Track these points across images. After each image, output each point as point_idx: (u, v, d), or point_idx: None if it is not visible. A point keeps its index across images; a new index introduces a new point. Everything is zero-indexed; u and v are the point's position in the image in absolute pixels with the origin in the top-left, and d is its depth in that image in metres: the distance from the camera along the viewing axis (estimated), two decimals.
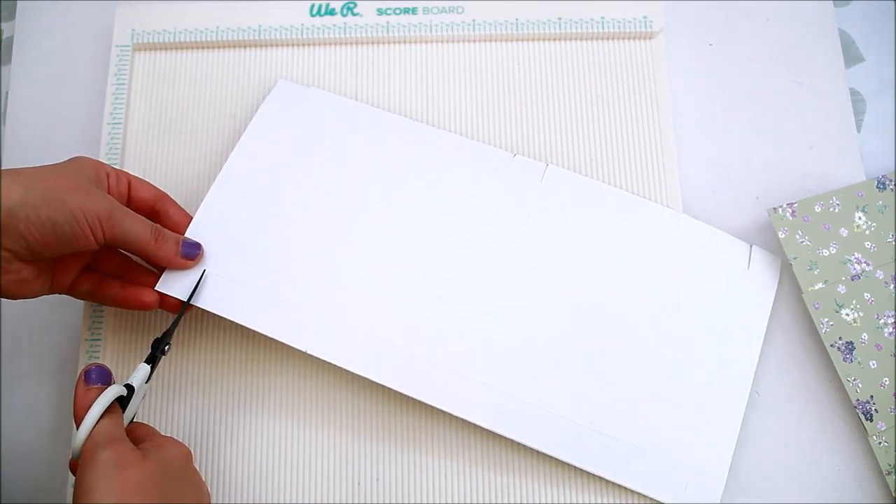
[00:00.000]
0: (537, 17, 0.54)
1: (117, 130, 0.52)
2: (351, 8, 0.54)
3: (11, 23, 0.57)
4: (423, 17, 0.54)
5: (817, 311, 0.47)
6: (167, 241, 0.43)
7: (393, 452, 0.46)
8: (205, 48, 0.55)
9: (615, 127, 0.52)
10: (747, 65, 0.55)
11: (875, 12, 0.57)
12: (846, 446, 0.47)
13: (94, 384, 0.39)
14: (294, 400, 0.47)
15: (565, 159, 0.52)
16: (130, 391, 0.40)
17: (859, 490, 0.46)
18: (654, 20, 0.54)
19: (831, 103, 0.54)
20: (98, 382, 0.39)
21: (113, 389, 0.38)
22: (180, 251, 0.44)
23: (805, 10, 0.56)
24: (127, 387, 0.40)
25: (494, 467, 0.46)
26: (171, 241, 0.43)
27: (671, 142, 0.52)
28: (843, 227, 0.49)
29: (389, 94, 0.53)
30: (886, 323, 0.47)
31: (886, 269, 0.48)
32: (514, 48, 0.54)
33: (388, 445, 0.46)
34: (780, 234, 0.49)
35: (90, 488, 0.34)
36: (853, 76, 0.55)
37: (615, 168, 0.51)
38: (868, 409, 0.46)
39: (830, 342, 0.47)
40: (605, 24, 0.54)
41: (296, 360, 0.48)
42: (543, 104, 0.53)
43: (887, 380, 0.46)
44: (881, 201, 0.50)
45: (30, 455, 0.47)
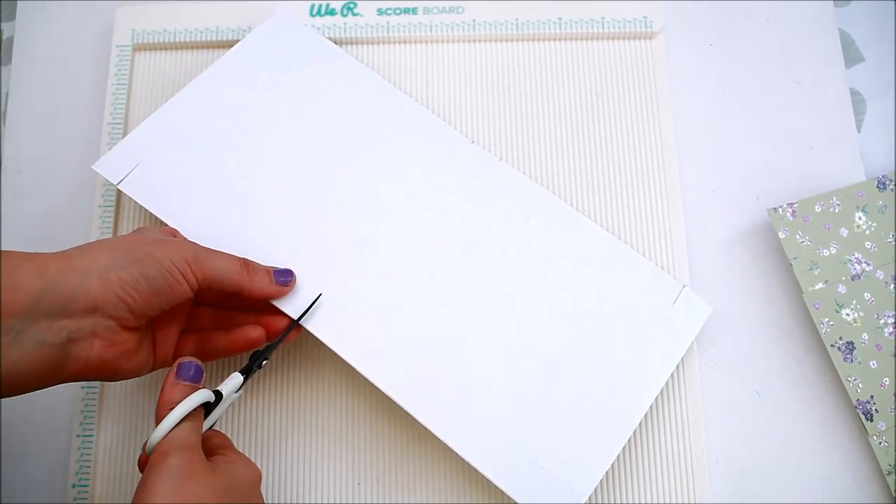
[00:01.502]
0: (537, 17, 0.54)
1: (117, 130, 0.52)
2: (351, 8, 0.54)
3: (11, 23, 0.57)
4: (423, 17, 0.54)
5: (817, 311, 0.47)
6: (258, 271, 0.43)
7: (393, 452, 0.46)
8: (205, 48, 0.55)
9: (615, 127, 0.52)
10: (747, 65, 0.55)
11: (875, 12, 0.57)
12: (846, 446, 0.47)
13: (184, 380, 0.38)
14: (294, 400, 0.47)
15: (565, 159, 0.52)
16: (218, 398, 0.39)
17: (859, 490, 0.46)
18: (654, 20, 0.54)
19: (831, 103, 0.54)
20: (189, 380, 0.38)
21: (200, 394, 0.37)
22: (274, 280, 0.43)
23: (805, 10, 0.56)
24: (215, 393, 0.39)
25: None
26: (262, 272, 0.43)
27: (671, 142, 0.52)
28: (843, 227, 0.49)
29: None
30: (886, 323, 0.47)
31: (886, 269, 0.48)
32: (514, 48, 0.54)
33: (388, 445, 0.46)
34: (781, 234, 0.49)
35: (152, 491, 0.34)
36: (853, 76, 0.55)
37: (615, 168, 0.51)
38: (868, 409, 0.46)
39: (831, 342, 0.47)
40: (605, 24, 0.54)
41: (296, 360, 0.48)
42: (544, 104, 0.53)
43: (887, 380, 0.46)
44: (881, 201, 0.50)
45: (30, 455, 0.47)
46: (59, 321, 0.36)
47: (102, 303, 0.37)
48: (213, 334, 0.43)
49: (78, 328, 0.37)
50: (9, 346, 0.35)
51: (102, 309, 0.37)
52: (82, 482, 0.46)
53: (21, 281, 0.35)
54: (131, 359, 0.39)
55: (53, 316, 0.36)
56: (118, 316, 0.38)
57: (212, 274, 0.40)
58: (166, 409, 0.36)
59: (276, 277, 0.43)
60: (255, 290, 0.42)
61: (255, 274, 0.42)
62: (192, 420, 0.37)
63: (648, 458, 0.46)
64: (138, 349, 0.40)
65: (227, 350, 0.43)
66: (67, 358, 0.37)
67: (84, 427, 0.47)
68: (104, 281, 0.37)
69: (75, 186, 0.52)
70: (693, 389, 0.47)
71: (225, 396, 0.39)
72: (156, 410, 0.37)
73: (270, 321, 0.43)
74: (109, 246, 0.39)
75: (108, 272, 0.37)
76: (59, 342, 0.36)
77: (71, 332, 0.36)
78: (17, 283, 0.35)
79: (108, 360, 0.38)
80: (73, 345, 0.37)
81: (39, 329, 0.35)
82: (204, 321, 0.44)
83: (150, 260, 0.38)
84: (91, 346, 0.37)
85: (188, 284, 0.39)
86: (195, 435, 0.37)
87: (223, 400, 0.39)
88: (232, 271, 0.41)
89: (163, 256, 0.39)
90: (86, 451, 0.46)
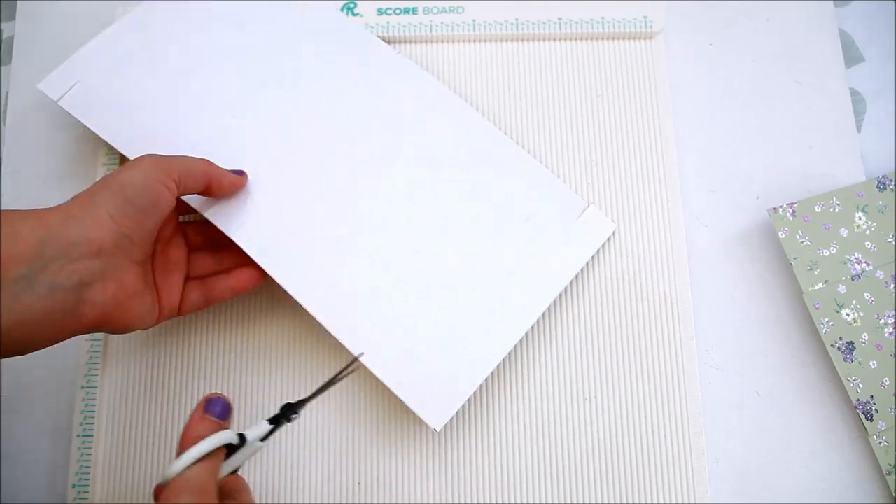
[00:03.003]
0: (537, 18, 0.54)
1: None
2: (351, 8, 0.54)
3: (11, 23, 0.57)
4: (423, 17, 0.54)
5: (817, 312, 0.47)
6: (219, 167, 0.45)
7: (393, 452, 0.46)
8: None
9: (615, 127, 0.52)
10: (747, 65, 0.55)
11: (875, 12, 0.57)
12: (846, 446, 0.47)
13: (212, 416, 0.38)
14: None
15: (565, 159, 0.52)
16: (242, 441, 0.38)
17: (859, 490, 0.46)
18: (654, 20, 0.54)
19: (831, 103, 0.54)
20: (216, 416, 0.38)
21: (223, 435, 0.37)
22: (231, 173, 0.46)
23: (805, 10, 0.56)
24: (239, 436, 0.38)
25: (495, 467, 0.46)
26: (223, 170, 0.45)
27: (671, 142, 0.52)
28: (843, 227, 0.49)
29: None
30: (887, 323, 0.47)
31: (886, 269, 0.48)
32: (514, 48, 0.54)
33: (388, 445, 0.46)
34: (781, 234, 0.49)
35: None
36: (853, 76, 0.55)
37: (615, 168, 0.51)
38: (868, 408, 0.46)
39: (831, 342, 0.47)
40: (605, 24, 0.54)
41: (296, 361, 0.48)
42: (543, 104, 0.53)
43: (887, 380, 0.46)
44: (881, 201, 0.50)
45: (30, 455, 0.47)
46: (69, 265, 0.37)
47: (105, 241, 0.38)
48: (215, 278, 0.45)
49: (89, 271, 0.37)
50: (21, 294, 0.35)
51: (106, 247, 0.38)
52: (82, 482, 0.46)
53: (23, 231, 0.36)
54: (140, 301, 0.40)
55: (61, 260, 0.36)
56: (123, 249, 0.39)
57: (181, 170, 0.42)
58: (189, 443, 0.36)
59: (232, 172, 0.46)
60: (223, 180, 0.44)
61: (217, 167, 0.44)
62: (211, 460, 0.36)
63: (648, 458, 0.46)
64: (144, 292, 0.41)
65: (232, 291, 0.45)
66: (82, 304, 0.37)
67: (84, 427, 0.47)
68: (99, 221, 0.38)
69: (75, 186, 0.52)
70: (693, 389, 0.47)
71: (249, 442, 0.38)
72: (179, 441, 0.37)
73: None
74: (90, 193, 0.39)
75: (99, 211, 0.38)
76: (71, 286, 0.37)
77: (82, 276, 0.37)
78: (20, 233, 0.36)
79: (121, 301, 0.39)
80: (86, 289, 0.37)
81: (50, 273, 0.36)
82: (204, 267, 0.46)
83: (127, 186, 0.39)
84: (104, 289, 0.38)
85: (167, 189, 0.41)
86: (211, 476, 0.36)
87: (247, 446, 0.38)
88: (197, 164, 0.43)
89: (134, 176, 0.40)
90: (86, 451, 0.46)
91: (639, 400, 0.47)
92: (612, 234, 0.50)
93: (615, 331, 0.48)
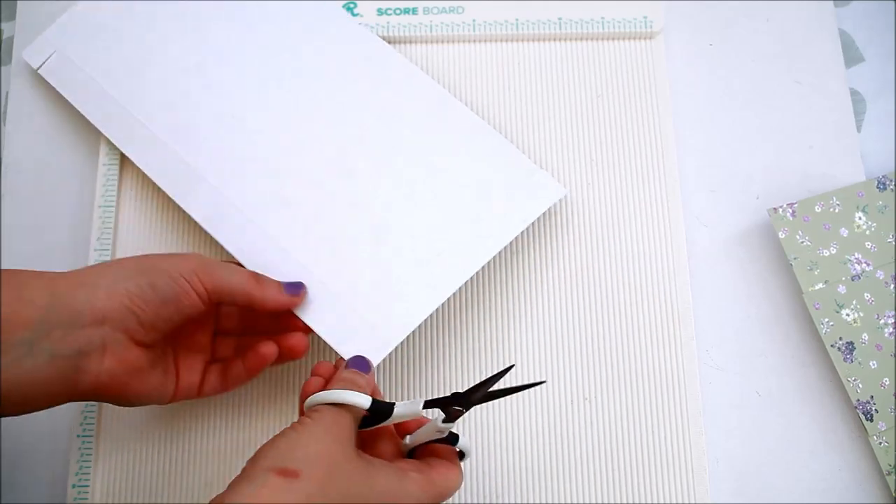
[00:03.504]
0: (537, 18, 0.54)
1: None
2: (351, 8, 0.54)
3: (11, 23, 0.56)
4: (423, 18, 0.54)
5: (817, 312, 0.47)
6: (268, 282, 0.42)
7: None
8: None
9: (615, 127, 0.52)
10: (747, 65, 0.55)
11: (875, 12, 0.57)
12: (846, 446, 0.47)
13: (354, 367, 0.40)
14: (294, 400, 0.47)
15: (565, 159, 0.52)
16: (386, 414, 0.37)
17: (859, 490, 0.46)
18: (654, 20, 0.54)
19: (831, 103, 0.54)
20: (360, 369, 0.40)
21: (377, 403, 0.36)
22: (284, 290, 0.43)
23: (805, 10, 0.56)
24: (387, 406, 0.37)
25: (495, 467, 0.46)
26: (272, 283, 0.42)
27: (671, 142, 0.52)
28: (843, 227, 0.49)
29: None
30: (887, 323, 0.47)
31: (886, 269, 0.48)
32: (514, 48, 0.54)
33: None
34: (781, 234, 0.49)
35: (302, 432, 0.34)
36: (853, 76, 0.55)
37: (615, 168, 0.51)
38: (868, 409, 0.46)
39: (831, 342, 0.47)
40: (605, 24, 0.54)
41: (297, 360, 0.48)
42: (544, 104, 0.53)
43: (887, 380, 0.46)
44: (881, 201, 0.50)
45: (30, 455, 0.47)
46: (71, 333, 0.36)
47: (111, 313, 0.37)
48: (234, 362, 0.43)
49: (88, 340, 0.37)
50: (21, 359, 0.35)
51: (111, 320, 0.37)
52: (82, 482, 0.46)
53: (30, 295, 0.36)
54: (143, 380, 0.39)
55: (64, 328, 0.36)
56: (127, 328, 0.38)
57: (220, 283, 0.40)
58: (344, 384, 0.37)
59: (286, 288, 0.43)
60: (267, 300, 0.42)
61: (265, 285, 0.42)
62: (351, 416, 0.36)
63: (648, 458, 0.46)
64: (151, 370, 0.39)
65: (247, 374, 0.43)
66: (79, 372, 0.37)
67: (84, 427, 0.47)
68: (111, 293, 0.37)
69: (75, 186, 0.52)
70: (693, 389, 0.47)
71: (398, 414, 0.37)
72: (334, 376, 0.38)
73: (283, 337, 0.43)
74: (115, 262, 0.39)
75: (116, 284, 0.37)
76: (70, 354, 0.36)
77: (82, 345, 0.36)
78: (27, 297, 0.36)
79: (118, 376, 0.38)
80: (84, 358, 0.37)
81: (51, 341, 0.36)
82: (227, 351, 0.44)
83: (156, 270, 0.38)
84: (101, 360, 0.37)
85: (197, 294, 0.39)
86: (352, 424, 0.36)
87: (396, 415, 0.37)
88: (241, 281, 0.41)
89: (169, 266, 0.39)
90: (86, 451, 0.46)
91: (639, 400, 0.47)
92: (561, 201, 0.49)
93: (615, 331, 0.48)
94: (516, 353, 0.48)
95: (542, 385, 0.47)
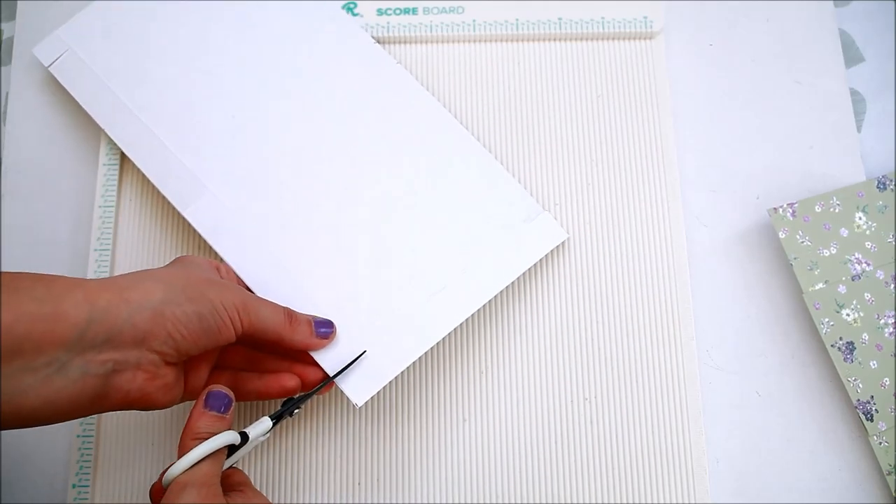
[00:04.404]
0: (537, 18, 0.54)
1: None
2: (351, 8, 0.54)
3: (11, 23, 0.57)
4: (423, 18, 0.54)
5: (818, 312, 0.47)
6: (300, 322, 0.43)
7: (393, 452, 0.46)
8: None
9: (615, 127, 0.52)
10: (747, 65, 0.55)
11: (875, 12, 0.57)
12: (846, 446, 0.47)
13: (212, 411, 0.38)
14: None
15: (565, 159, 0.52)
16: (244, 440, 0.38)
17: (859, 490, 0.46)
18: (654, 20, 0.54)
19: (831, 103, 0.54)
20: (218, 411, 0.38)
21: (226, 436, 0.37)
22: (314, 332, 0.43)
23: (805, 10, 0.56)
24: (241, 435, 0.38)
25: (495, 467, 0.46)
26: (304, 323, 0.43)
27: (671, 142, 0.52)
28: (843, 227, 0.49)
29: None
30: (887, 323, 0.47)
31: (887, 269, 0.48)
32: (514, 48, 0.54)
33: (388, 445, 0.46)
34: (781, 234, 0.49)
35: None
36: (853, 76, 0.55)
37: (615, 168, 0.51)
38: (868, 409, 0.46)
39: (831, 342, 0.47)
40: (605, 24, 0.54)
41: None
42: (544, 104, 0.53)
43: (888, 380, 0.46)
44: (881, 201, 0.50)
45: (30, 455, 0.47)
46: (105, 352, 0.35)
47: (151, 337, 0.36)
48: (247, 375, 0.43)
49: (123, 360, 0.36)
50: (52, 377, 0.34)
51: (149, 343, 0.36)
52: (82, 482, 0.46)
53: (68, 310, 0.34)
54: (168, 392, 0.39)
55: (99, 347, 0.35)
56: (163, 351, 0.37)
57: (258, 323, 0.40)
58: (190, 442, 0.36)
59: (316, 329, 0.43)
60: (295, 341, 0.42)
61: (297, 325, 0.42)
62: (213, 458, 0.36)
63: (648, 458, 0.46)
64: (176, 383, 0.39)
65: (259, 394, 0.43)
66: (109, 389, 0.36)
67: (84, 427, 0.47)
68: (157, 316, 0.36)
69: (75, 186, 0.52)
70: (693, 389, 0.47)
71: (251, 440, 0.39)
72: (180, 438, 0.37)
73: (306, 372, 0.43)
74: (163, 279, 0.38)
75: (163, 306, 0.37)
76: (102, 373, 0.35)
77: (116, 364, 0.36)
78: (64, 313, 0.34)
79: (149, 392, 0.37)
80: (115, 376, 0.36)
81: (84, 360, 0.35)
82: (236, 360, 0.44)
83: (204, 300, 0.38)
84: (133, 379, 0.37)
85: (234, 329, 0.39)
86: (215, 469, 0.36)
87: (249, 442, 0.38)
88: (276, 322, 0.41)
89: (216, 298, 0.38)
90: (86, 451, 0.46)
91: (639, 400, 0.47)
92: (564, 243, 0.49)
93: (615, 331, 0.48)
94: (516, 354, 0.48)
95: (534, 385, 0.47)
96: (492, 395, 0.47)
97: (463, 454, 0.46)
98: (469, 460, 0.46)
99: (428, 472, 0.46)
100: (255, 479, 0.46)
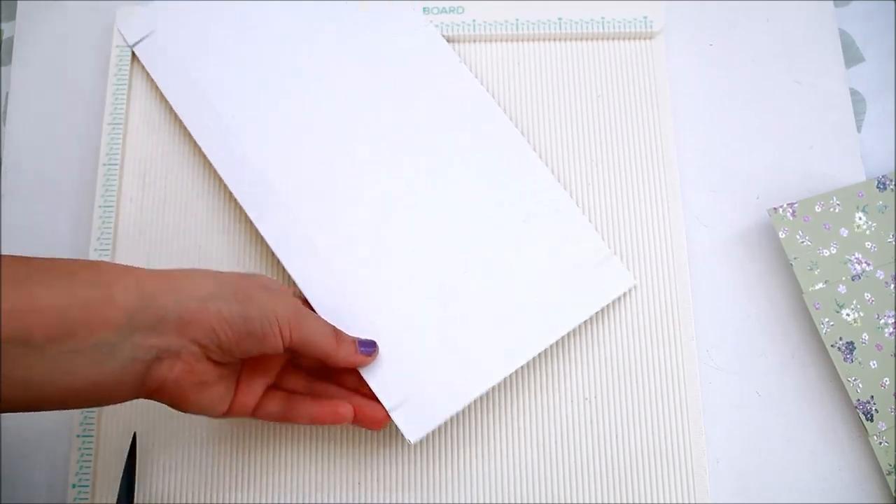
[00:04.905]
0: (537, 18, 0.54)
1: (117, 131, 0.52)
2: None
3: (11, 23, 0.57)
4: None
5: (818, 312, 0.47)
6: (346, 341, 0.43)
7: (393, 452, 0.46)
8: None
9: (615, 127, 0.52)
10: (747, 65, 0.55)
11: (875, 12, 0.57)
12: (846, 446, 0.47)
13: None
14: None
15: (565, 159, 0.52)
16: None
17: (859, 490, 0.46)
18: (654, 20, 0.54)
19: (831, 103, 0.54)
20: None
21: None
22: (358, 349, 0.43)
23: (805, 10, 0.56)
24: None
25: (495, 467, 0.46)
26: (349, 342, 0.43)
27: (671, 142, 0.52)
28: (843, 227, 0.49)
29: None
30: (887, 323, 0.47)
31: (887, 269, 0.48)
32: (514, 48, 0.54)
33: (388, 445, 0.46)
34: (781, 234, 0.49)
35: None
36: (853, 76, 0.55)
37: (615, 168, 0.51)
38: (868, 409, 0.46)
39: (831, 342, 0.47)
40: (605, 24, 0.54)
41: None
42: (543, 104, 0.53)
43: (888, 380, 0.46)
44: (881, 201, 0.50)
45: (30, 455, 0.47)
46: (151, 338, 0.36)
47: (194, 327, 0.37)
48: (301, 398, 0.43)
49: (166, 347, 0.36)
50: (102, 360, 0.34)
51: (192, 333, 0.37)
52: (82, 482, 0.46)
53: (118, 295, 0.35)
54: (204, 392, 0.39)
55: (146, 332, 0.36)
56: (205, 345, 0.37)
57: (306, 337, 0.40)
58: None
59: (360, 347, 0.43)
60: (339, 358, 0.42)
61: (343, 343, 0.43)
62: None
63: (648, 458, 0.46)
64: (215, 385, 0.39)
65: (312, 418, 0.42)
66: (149, 374, 0.36)
67: (84, 427, 0.47)
68: (202, 307, 0.37)
69: (75, 186, 0.52)
70: (693, 389, 0.47)
71: None
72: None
73: (361, 404, 0.43)
74: (216, 277, 0.39)
75: (209, 300, 0.37)
76: (148, 359, 0.36)
77: (160, 350, 0.36)
78: (115, 297, 0.35)
79: (184, 386, 0.37)
80: (157, 362, 0.36)
81: (132, 344, 0.35)
82: (294, 383, 0.44)
83: (253, 304, 0.38)
84: (172, 367, 0.37)
85: (281, 340, 0.39)
86: None
87: None
88: (324, 339, 0.41)
89: (266, 304, 0.39)
90: (86, 451, 0.46)
91: (639, 400, 0.47)
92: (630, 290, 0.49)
93: (615, 331, 0.48)
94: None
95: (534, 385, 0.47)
96: (491, 396, 0.47)
97: (463, 454, 0.46)
98: (469, 460, 0.46)
99: (428, 472, 0.46)
100: (255, 479, 0.46)
